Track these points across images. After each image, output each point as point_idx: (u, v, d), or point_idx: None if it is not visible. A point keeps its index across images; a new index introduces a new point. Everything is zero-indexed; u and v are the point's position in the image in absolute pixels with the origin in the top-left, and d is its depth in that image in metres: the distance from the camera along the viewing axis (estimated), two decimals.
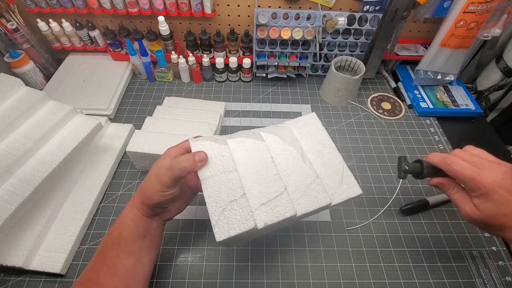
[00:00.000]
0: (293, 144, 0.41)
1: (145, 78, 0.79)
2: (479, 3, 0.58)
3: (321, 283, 0.47)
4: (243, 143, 0.40)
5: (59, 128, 0.53)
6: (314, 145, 0.43)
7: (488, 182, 0.34)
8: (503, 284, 0.47)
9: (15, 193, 0.44)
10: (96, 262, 0.37)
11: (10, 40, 0.70)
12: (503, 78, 0.76)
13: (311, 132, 0.44)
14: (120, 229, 0.37)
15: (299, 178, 0.39)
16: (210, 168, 0.37)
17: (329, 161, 0.42)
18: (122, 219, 0.38)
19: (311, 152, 0.42)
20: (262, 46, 0.73)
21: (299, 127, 0.45)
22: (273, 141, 0.41)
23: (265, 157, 0.39)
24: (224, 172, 0.37)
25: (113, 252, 0.37)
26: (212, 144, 0.39)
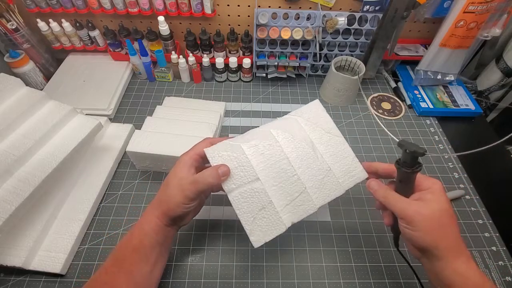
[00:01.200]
0: (304, 139, 0.42)
1: (145, 78, 0.79)
2: (479, 3, 0.58)
3: (321, 283, 0.47)
4: (258, 147, 0.40)
5: (59, 128, 0.53)
6: (322, 135, 0.43)
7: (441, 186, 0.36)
8: (503, 284, 0.47)
9: (15, 193, 0.44)
10: (112, 266, 0.37)
11: (10, 40, 0.70)
12: (503, 78, 0.76)
13: (317, 122, 0.44)
14: (141, 237, 0.38)
15: (313, 173, 0.41)
16: (234, 180, 0.38)
17: (337, 150, 0.43)
18: (143, 227, 0.38)
19: (320, 143, 0.43)
20: (262, 46, 0.73)
21: (306, 118, 0.44)
22: (285, 139, 0.41)
23: (281, 159, 0.40)
24: (248, 182, 0.39)
25: (132, 259, 0.37)
26: (230, 155, 0.39)
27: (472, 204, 0.57)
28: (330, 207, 0.56)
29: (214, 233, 0.52)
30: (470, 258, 0.33)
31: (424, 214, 0.33)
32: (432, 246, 0.33)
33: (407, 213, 0.34)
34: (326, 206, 0.56)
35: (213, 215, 0.54)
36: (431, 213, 0.33)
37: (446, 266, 0.32)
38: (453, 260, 0.32)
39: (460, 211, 0.56)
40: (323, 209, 0.56)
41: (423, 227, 0.33)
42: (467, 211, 0.56)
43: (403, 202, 0.35)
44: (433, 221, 0.33)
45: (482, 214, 0.56)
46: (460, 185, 0.60)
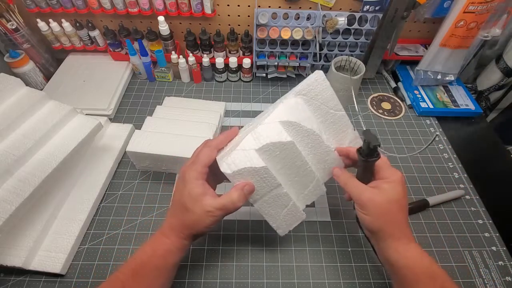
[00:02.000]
0: (311, 125, 0.41)
1: (145, 78, 0.79)
2: (479, 3, 0.58)
3: (321, 283, 0.47)
4: (271, 150, 0.39)
5: (59, 128, 0.53)
6: (327, 114, 0.43)
7: (401, 175, 0.40)
8: (503, 284, 0.47)
9: (15, 193, 0.44)
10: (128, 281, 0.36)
11: (10, 40, 0.70)
12: (503, 78, 0.76)
13: (322, 99, 0.42)
14: (166, 256, 0.37)
15: (320, 157, 0.43)
16: (257, 192, 0.40)
17: (339, 126, 0.44)
18: (169, 248, 0.38)
19: (325, 124, 0.44)
20: (262, 46, 0.73)
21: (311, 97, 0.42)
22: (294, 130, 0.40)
23: (295, 156, 0.40)
24: (270, 190, 0.40)
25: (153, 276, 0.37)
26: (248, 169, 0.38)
27: (472, 204, 0.57)
28: (330, 207, 0.56)
29: (214, 233, 0.52)
30: (412, 241, 0.37)
31: (375, 201, 0.37)
32: (378, 229, 0.37)
33: (361, 199, 0.38)
34: (326, 206, 0.56)
35: None
36: (382, 201, 0.37)
37: (389, 246, 0.37)
38: (395, 241, 0.37)
39: (460, 211, 0.56)
40: (323, 209, 0.56)
41: (373, 212, 0.37)
42: (467, 211, 0.56)
43: (360, 189, 0.38)
44: (382, 208, 0.37)
45: (482, 214, 0.56)
46: (460, 185, 0.60)
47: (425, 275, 0.35)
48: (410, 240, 0.37)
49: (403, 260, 0.36)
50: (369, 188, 0.38)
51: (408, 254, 0.36)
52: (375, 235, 0.38)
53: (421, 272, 0.35)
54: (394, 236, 0.37)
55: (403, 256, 0.36)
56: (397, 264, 0.36)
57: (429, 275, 0.35)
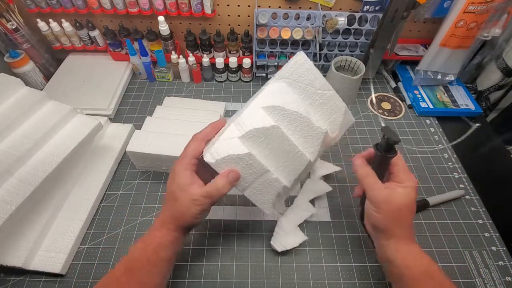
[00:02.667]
0: (297, 106, 0.40)
1: (145, 78, 0.79)
2: (479, 3, 0.58)
3: (321, 283, 0.47)
4: (255, 136, 0.38)
5: (59, 128, 0.53)
6: (315, 95, 0.42)
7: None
8: (503, 284, 0.47)
9: (15, 193, 0.44)
10: (123, 276, 0.36)
11: (10, 40, 0.70)
12: (503, 78, 0.75)
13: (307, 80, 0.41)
14: (158, 250, 0.37)
15: (311, 141, 0.42)
16: (245, 179, 0.39)
17: (330, 106, 0.43)
18: (160, 241, 0.38)
19: (314, 105, 0.42)
20: (262, 46, 0.73)
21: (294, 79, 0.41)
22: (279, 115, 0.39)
23: (282, 140, 0.39)
24: (259, 176, 0.39)
25: (146, 270, 0.36)
26: (232, 157, 0.37)
27: (472, 204, 0.57)
28: (330, 207, 0.56)
29: (214, 233, 0.52)
30: (413, 242, 0.38)
31: (390, 203, 0.37)
32: (386, 228, 0.38)
33: (377, 197, 0.38)
34: (326, 206, 0.56)
35: (213, 215, 0.54)
36: (396, 204, 0.37)
37: (391, 245, 0.38)
38: (397, 241, 0.37)
39: (460, 211, 0.56)
40: (323, 209, 0.56)
41: (385, 213, 0.38)
42: (467, 211, 0.56)
43: (378, 187, 0.39)
44: (394, 210, 0.37)
45: (482, 214, 0.56)
46: (460, 185, 0.60)
47: (424, 274, 0.36)
48: (411, 240, 0.38)
49: (402, 260, 0.36)
50: (386, 188, 0.38)
51: (407, 253, 0.37)
52: (379, 233, 0.39)
53: (420, 272, 0.36)
54: (397, 236, 0.37)
55: (402, 256, 0.37)
56: (396, 262, 0.36)
57: (428, 275, 0.36)
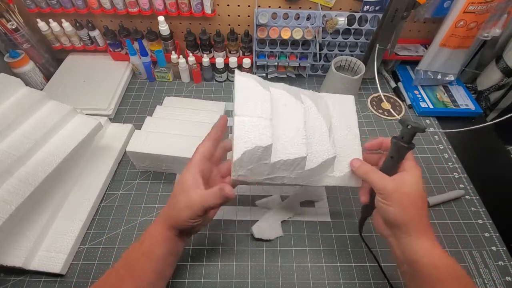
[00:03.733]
0: (325, 117, 0.42)
1: (145, 78, 0.79)
2: (479, 3, 0.58)
3: (321, 283, 0.47)
4: (284, 97, 0.41)
5: (59, 128, 0.53)
6: (342, 126, 0.44)
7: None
8: (503, 284, 0.47)
9: (15, 193, 0.44)
10: (121, 269, 0.37)
11: (10, 40, 0.70)
12: (503, 78, 0.76)
13: (344, 113, 0.45)
14: (152, 245, 0.37)
15: (320, 150, 0.41)
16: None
17: (348, 145, 0.44)
18: (154, 235, 0.38)
19: (337, 131, 0.44)
20: (262, 46, 0.73)
21: (336, 105, 0.46)
22: (309, 107, 0.42)
23: (299, 120, 0.40)
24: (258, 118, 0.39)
25: (141, 265, 0.37)
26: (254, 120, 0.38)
27: (472, 204, 0.57)
28: (330, 207, 0.56)
29: (214, 233, 0.52)
30: (435, 239, 0.35)
31: (402, 191, 0.35)
32: (403, 222, 0.35)
33: (387, 188, 0.36)
34: (326, 207, 0.56)
35: None
36: (409, 192, 0.35)
37: (414, 242, 0.34)
38: (420, 236, 0.34)
39: (460, 211, 0.56)
40: (323, 209, 0.56)
41: (400, 203, 0.35)
42: (467, 211, 0.56)
43: (385, 179, 0.37)
44: (409, 199, 0.35)
45: (482, 214, 0.56)
46: (460, 185, 0.60)
47: (450, 275, 0.33)
48: (432, 237, 0.35)
49: (429, 258, 0.34)
50: (393, 179, 0.37)
51: (434, 251, 0.34)
52: (398, 229, 0.36)
53: (446, 272, 0.33)
54: (420, 231, 0.35)
55: (429, 253, 0.34)
56: (422, 261, 0.34)
57: (455, 276, 0.34)
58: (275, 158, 0.38)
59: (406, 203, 0.35)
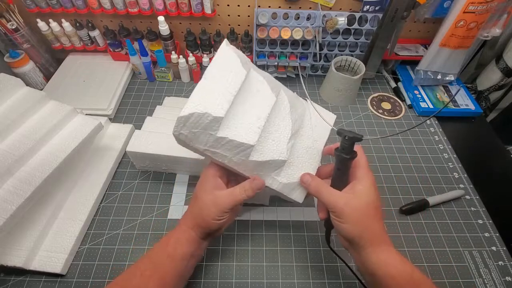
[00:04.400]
0: (295, 122, 0.42)
1: (145, 78, 0.79)
2: (479, 3, 0.58)
3: (321, 283, 0.47)
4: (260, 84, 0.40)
5: (59, 128, 0.53)
6: (309, 138, 0.44)
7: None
8: (503, 284, 0.47)
9: (16, 193, 0.44)
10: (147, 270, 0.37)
11: (10, 40, 0.70)
12: (503, 78, 0.76)
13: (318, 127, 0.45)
14: (176, 246, 0.38)
15: (273, 148, 0.39)
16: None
17: (306, 158, 0.43)
18: (179, 237, 0.38)
19: (302, 141, 0.43)
20: (262, 46, 0.73)
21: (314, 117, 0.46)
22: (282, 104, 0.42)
23: (265, 110, 0.39)
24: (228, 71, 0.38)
25: (167, 266, 0.37)
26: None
27: (472, 204, 0.57)
28: None
29: None
30: (392, 247, 0.35)
31: (352, 206, 0.35)
32: (358, 236, 0.35)
33: (337, 206, 0.35)
34: None
35: None
36: (359, 205, 0.35)
37: (370, 255, 0.34)
38: (376, 248, 0.34)
39: (460, 211, 0.56)
40: None
41: (351, 219, 0.35)
42: (467, 211, 0.56)
43: (335, 195, 0.36)
44: (360, 212, 0.35)
45: (482, 214, 0.56)
46: (460, 185, 0.60)
47: (409, 284, 0.33)
48: (389, 246, 0.35)
49: (385, 269, 0.34)
50: (343, 193, 0.36)
51: (389, 261, 0.34)
52: (354, 244, 0.35)
53: (404, 281, 0.33)
54: (374, 243, 0.35)
55: (384, 264, 0.34)
56: (379, 273, 0.34)
57: (413, 284, 0.33)
58: (222, 134, 0.36)
59: (358, 217, 0.35)
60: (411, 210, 0.55)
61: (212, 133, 0.35)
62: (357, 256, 0.36)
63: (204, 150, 0.37)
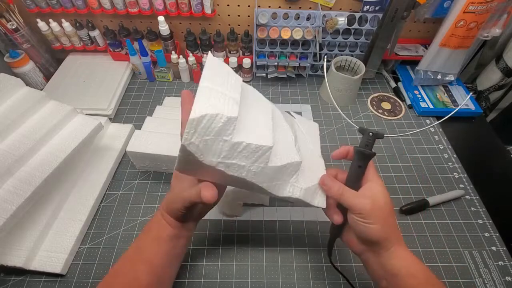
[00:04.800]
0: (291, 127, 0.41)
1: (145, 78, 0.79)
2: (479, 3, 0.58)
3: (321, 283, 0.47)
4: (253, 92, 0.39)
5: (59, 128, 0.53)
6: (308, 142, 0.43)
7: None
8: (503, 284, 0.47)
9: (16, 194, 0.44)
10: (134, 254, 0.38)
11: (10, 40, 0.70)
12: (503, 78, 0.76)
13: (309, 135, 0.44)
14: (161, 231, 0.38)
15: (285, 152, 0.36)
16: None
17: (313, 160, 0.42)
18: (161, 222, 0.38)
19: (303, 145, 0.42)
20: (262, 46, 0.73)
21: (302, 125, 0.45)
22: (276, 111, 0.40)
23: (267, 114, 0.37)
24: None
25: (152, 249, 0.37)
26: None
27: (472, 204, 0.57)
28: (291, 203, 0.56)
29: (214, 233, 0.52)
30: (406, 247, 0.35)
31: (379, 207, 0.34)
32: (384, 237, 0.33)
33: (365, 207, 0.34)
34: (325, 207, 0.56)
35: (213, 215, 0.54)
36: (384, 206, 0.34)
37: (393, 255, 0.34)
38: (397, 248, 0.34)
39: (460, 211, 0.56)
40: (323, 209, 0.55)
41: (380, 220, 0.33)
42: (467, 211, 0.56)
43: (360, 197, 0.35)
44: (385, 213, 0.34)
45: (482, 214, 0.56)
46: (460, 185, 0.60)
47: (428, 282, 0.33)
48: (403, 243, 0.35)
49: (407, 268, 0.33)
50: (367, 194, 0.35)
51: (409, 261, 0.34)
52: (378, 246, 0.34)
53: (424, 280, 0.33)
54: (397, 242, 0.34)
55: (406, 264, 0.33)
56: (402, 272, 0.33)
57: (430, 282, 0.33)
58: (238, 138, 0.31)
59: (385, 217, 0.34)
60: (411, 210, 0.55)
61: (227, 138, 0.31)
62: (376, 259, 0.35)
63: (218, 163, 0.31)
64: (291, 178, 0.37)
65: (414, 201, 0.56)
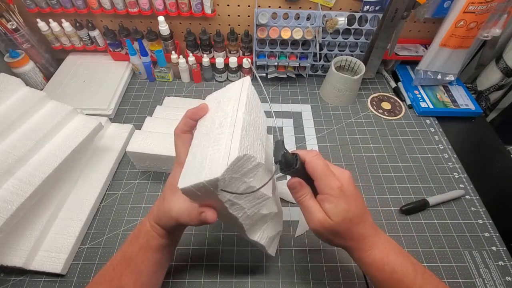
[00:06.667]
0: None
1: (145, 78, 0.79)
2: (479, 3, 0.58)
3: (321, 283, 0.47)
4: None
5: (59, 129, 0.53)
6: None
7: (340, 183, 0.33)
8: (503, 284, 0.47)
9: (16, 193, 0.44)
10: (119, 264, 0.37)
11: (10, 40, 0.70)
12: (503, 78, 0.76)
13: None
14: (148, 237, 0.37)
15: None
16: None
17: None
18: (149, 230, 0.37)
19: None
20: (262, 46, 0.73)
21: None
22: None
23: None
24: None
25: (139, 258, 0.37)
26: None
27: (472, 204, 0.57)
28: None
29: (213, 233, 0.52)
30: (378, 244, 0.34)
31: (327, 228, 0.33)
32: (345, 246, 0.35)
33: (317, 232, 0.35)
34: None
35: None
36: (336, 227, 0.33)
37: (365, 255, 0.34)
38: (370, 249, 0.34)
39: (460, 211, 0.56)
40: None
41: (334, 243, 0.35)
42: (467, 211, 0.56)
43: (318, 213, 0.33)
44: (339, 232, 0.33)
45: (482, 214, 0.56)
46: (460, 185, 0.60)
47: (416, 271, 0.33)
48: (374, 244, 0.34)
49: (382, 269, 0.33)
50: (322, 210, 0.33)
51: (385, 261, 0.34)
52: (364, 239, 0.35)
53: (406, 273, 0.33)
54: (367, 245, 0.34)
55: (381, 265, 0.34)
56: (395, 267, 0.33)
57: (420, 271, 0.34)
58: (254, 183, 0.32)
59: (339, 240, 0.35)
60: (411, 210, 0.55)
61: (247, 180, 0.31)
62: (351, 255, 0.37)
63: (227, 200, 0.31)
64: (264, 224, 0.39)
65: (414, 201, 0.56)
